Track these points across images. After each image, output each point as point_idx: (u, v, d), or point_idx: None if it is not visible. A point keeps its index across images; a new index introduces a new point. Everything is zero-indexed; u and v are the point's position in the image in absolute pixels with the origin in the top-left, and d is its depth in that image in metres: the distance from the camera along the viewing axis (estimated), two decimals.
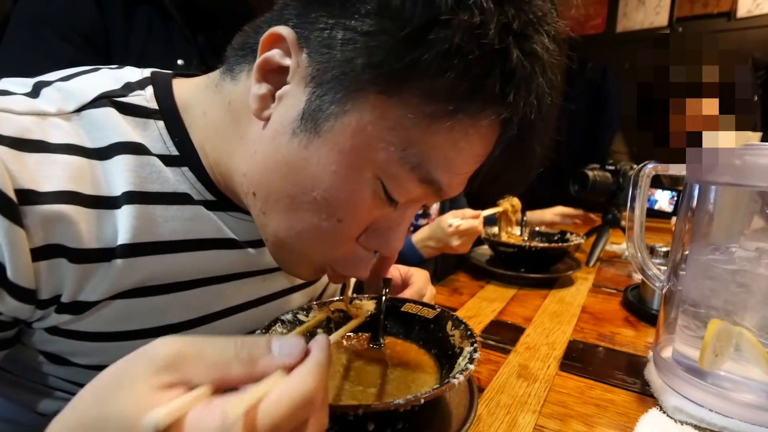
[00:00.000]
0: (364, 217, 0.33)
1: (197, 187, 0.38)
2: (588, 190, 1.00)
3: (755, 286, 0.39)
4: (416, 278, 0.54)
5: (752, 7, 2.24)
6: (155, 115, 0.36)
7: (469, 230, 0.77)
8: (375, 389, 0.37)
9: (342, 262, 0.36)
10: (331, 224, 0.32)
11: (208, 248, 0.39)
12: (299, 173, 0.31)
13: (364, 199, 0.32)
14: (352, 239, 0.35)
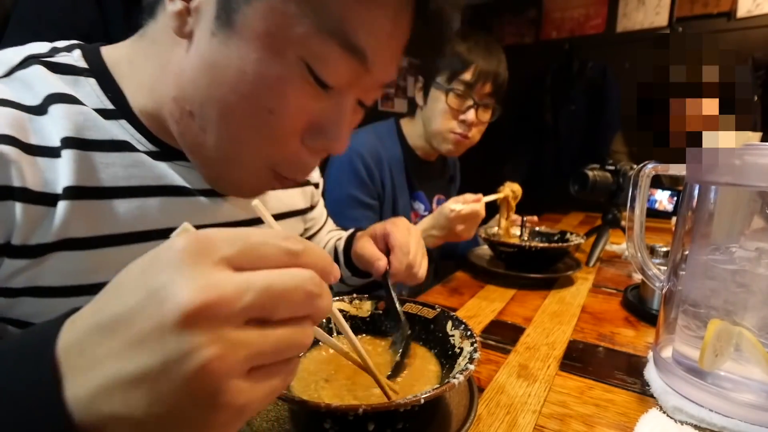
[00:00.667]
0: (295, 105, 0.33)
1: (137, 137, 0.38)
2: (588, 190, 1.00)
3: (755, 286, 0.39)
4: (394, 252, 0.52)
5: (752, 7, 2.24)
6: (85, 73, 0.37)
7: (471, 214, 0.76)
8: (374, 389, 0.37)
9: (287, 163, 0.37)
10: (264, 117, 0.33)
11: (155, 195, 0.39)
12: (225, 72, 0.32)
13: (291, 84, 0.32)
14: (292, 136, 0.35)
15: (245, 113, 0.33)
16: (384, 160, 1.02)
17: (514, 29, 3.06)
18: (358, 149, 0.99)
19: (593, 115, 2.64)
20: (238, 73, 0.31)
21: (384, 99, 2.56)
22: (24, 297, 0.34)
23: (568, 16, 2.85)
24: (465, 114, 0.96)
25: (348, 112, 0.36)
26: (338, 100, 0.35)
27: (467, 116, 0.96)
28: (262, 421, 0.35)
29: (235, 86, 0.32)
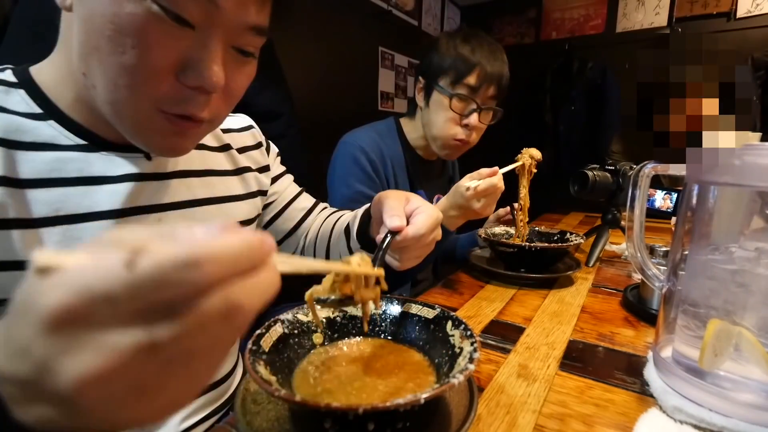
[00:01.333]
0: (156, 41, 0.36)
1: (65, 134, 0.43)
2: (588, 190, 0.99)
3: (755, 286, 0.39)
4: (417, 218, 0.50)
5: (752, 7, 2.24)
6: (15, 86, 0.43)
7: (488, 189, 0.73)
8: (374, 389, 0.37)
9: (170, 100, 0.39)
10: (129, 54, 0.36)
11: (75, 185, 0.43)
12: (92, 21, 0.36)
13: (147, 21, 0.35)
14: (164, 73, 0.37)
15: (113, 53, 0.36)
16: (386, 157, 1.01)
17: (514, 29, 3.07)
18: (361, 145, 0.98)
19: (593, 115, 2.64)
20: (101, 18, 0.35)
21: (384, 99, 2.56)
22: None
23: (568, 16, 2.85)
24: (468, 118, 0.95)
25: (214, 49, 0.38)
26: (203, 37, 0.38)
27: (470, 120, 0.95)
28: (262, 421, 0.35)
29: (101, 31, 0.35)
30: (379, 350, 0.44)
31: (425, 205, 0.51)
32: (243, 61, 0.43)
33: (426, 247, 0.53)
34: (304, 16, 1.89)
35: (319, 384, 0.38)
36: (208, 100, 0.41)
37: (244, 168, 0.62)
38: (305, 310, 0.44)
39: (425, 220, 0.49)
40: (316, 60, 2.01)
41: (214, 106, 0.42)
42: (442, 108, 0.95)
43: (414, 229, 0.48)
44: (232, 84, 0.42)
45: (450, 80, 0.94)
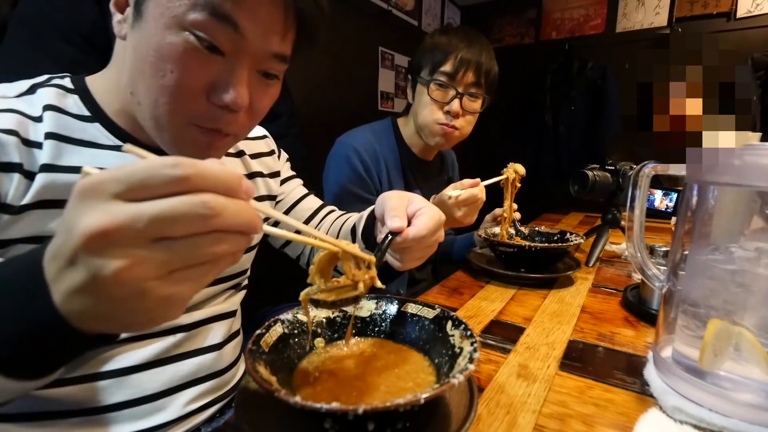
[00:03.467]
0: (191, 66, 0.42)
1: (107, 135, 0.49)
2: (588, 190, 0.99)
3: (755, 286, 0.39)
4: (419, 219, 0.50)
5: (752, 7, 2.24)
6: (71, 92, 0.50)
7: (469, 199, 0.75)
8: (374, 389, 0.37)
9: (202, 117, 0.45)
10: (168, 78, 0.42)
11: None
12: (141, 50, 0.42)
13: (183, 50, 0.41)
14: (196, 93, 0.43)
15: (155, 76, 0.42)
16: (380, 157, 1.02)
17: (514, 29, 3.06)
18: (354, 145, 0.99)
19: (593, 115, 2.64)
20: (147, 48, 0.41)
21: (384, 99, 2.56)
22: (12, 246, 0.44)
23: (568, 16, 2.85)
24: (449, 105, 0.96)
25: (240, 73, 0.44)
26: (231, 64, 0.43)
27: (451, 107, 0.96)
28: (262, 421, 0.35)
29: (146, 57, 0.41)
30: (379, 350, 0.44)
31: (428, 206, 0.52)
32: (267, 84, 0.48)
33: (428, 249, 0.53)
34: None
35: (319, 384, 0.38)
36: (235, 118, 0.46)
37: (255, 173, 0.66)
38: None
39: (427, 222, 0.49)
40: (316, 60, 2.01)
41: (239, 122, 0.47)
42: (423, 96, 0.98)
43: (415, 230, 0.49)
44: (256, 103, 0.48)
45: (428, 70, 0.97)
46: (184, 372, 0.53)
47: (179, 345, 0.53)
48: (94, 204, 0.23)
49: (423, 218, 0.50)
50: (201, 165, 0.25)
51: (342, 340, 0.45)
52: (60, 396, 0.45)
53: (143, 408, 0.49)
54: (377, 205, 0.55)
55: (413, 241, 0.49)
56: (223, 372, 0.58)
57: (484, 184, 0.79)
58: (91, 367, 0.47)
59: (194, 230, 0.25)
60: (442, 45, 0.95)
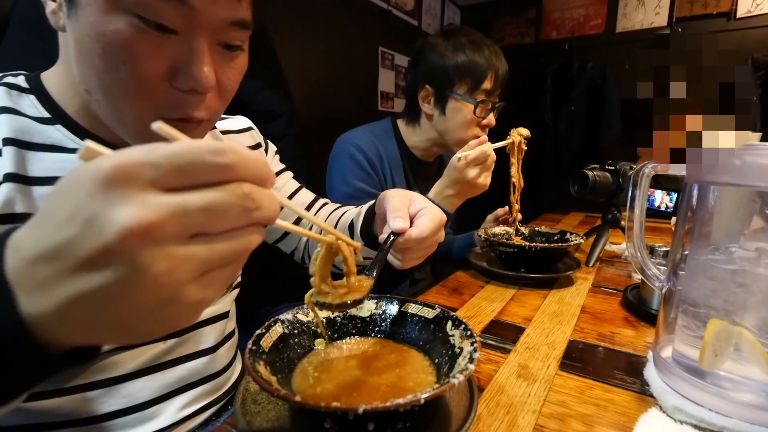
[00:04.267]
0: (143, 52, 0.37)
1: (71, 138, 0.45)
2: (588, 190, 0.99)
3: (755, 286, 0.39)
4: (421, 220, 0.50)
5: (752, 7, 2.24)
6: (27, 91, 0.46)
7: (480, 157, 0.74)
8: (374, 389, 0.37)
9: (168, 106, 0.40)
10: (122, 70, 0.37)
11: None
12: (84, 41, 0.37)
13: (130, 35, 0.36)
14: (156, 80, 0.39)
15: (107, 70, 0.37)
16: (383, 156, 1.02)
17: (514, 29, 3.06)
18: (358, 144, 0.99)
19: (593, 115, 2.64)
20: (90, 39, 0.36)
21: (384, 99, 2.56)
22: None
23: (568, 16, 2.85)
24: (487, 119, 0.98)
25: (199, 50, 0.39)
26: (187, 41, 0.39)
27: (489, 121, 0.98)
28: (262, 421, 0.35)
29: (92, 50, 0.37)
30: (379, 350, 0.44)
31: (429, 206, 0.51)
32: (231, 56, 0.43)
33: (428, 249, 0.53)
34: (304, 16, 1.89)
35: (319, 384, 0.38)
36: (203, 100, 0.42)
37: None
38: (305, 310, 0.44)
39: (428, 223, 0.49)
40: (316, 60, 2.01)
41: (210, 104, 0.43)
42: (463, 115, 0.97)
43: (417, 231, 0.49)
44: (224, 80, 0.43)
45: (468, 87, 0.95)
46: (176, 378, 0.52)
47: (170, 351, 0.51)
48: (129, 193, 0.20)
49: (425, 219, 0.50)
50: (244, 153, 0.23)
51: (342, 339, 0.45)
52: (50, 407, 0.43)
53: (136, 416, 0.48)
54: (378, 203, 0.54)
55: (415, 241, 0.49)
56: (218, 375, 0.57)
57: (493, 146, 0.79)
58: (81, 378, 0.45)
59: (237, 224, 0.23)
60: (480, 62, 0.94)
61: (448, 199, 0.80)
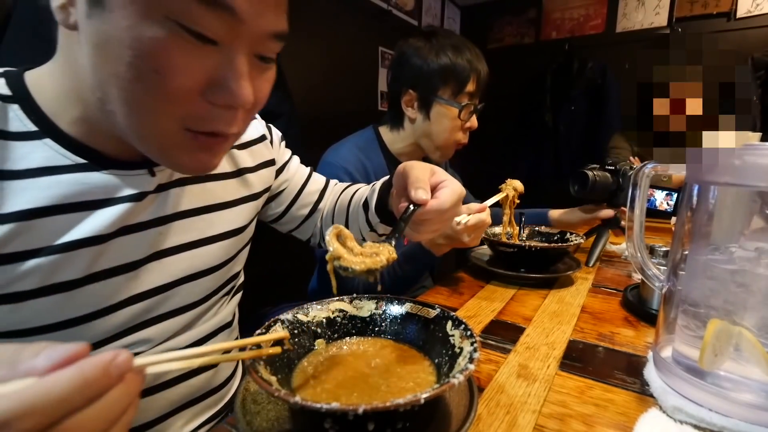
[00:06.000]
0: (179, 62, 0.34)
1: (62, 153, 0.41)
2: (588, 190, 1.00)
3: (755, 286, 0.39)
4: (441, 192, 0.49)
5: (752, 7, 2.24)
6: (9, 100, 0.40)
7: (478, 224, 0.75)
8: (374, 389, 0.37)
9: (196, 119, 0.38)
10: (153, 79, 0.34)
11: (77, 210, 0.41)
12: (109, 47, 0.34)
13: (168, 43, 0.33)
14: (189, 93, 0.36)
15: (135, 79, 0.34)
16: (370, 171, 1.00)
17: (514, 29, 3.06)
18: (343, 165, 0.97)
19: (593, 115, 2.64)
20: (119, 43, 0.33)
21: (384, 99, 2.56)
22: None
23: (568, 16, 2.85)
24: (470, 122, 0.98)
25: (241, 64, 0.37)
26: (228, 53, 0.36)
27: (471, 123, 0.98)
28: (262, 421, 0.35)
29: (119, 57, 0.33)
30: (379, 350, 0.44)
31: (450, 179, 0.51)
32: (264, 68, 0.41)
33: (445, 222, 0.53)
34: (304, 16, 1.89)
35: (319, 384, 0.38)
36: (236, 115, 0.39)
37: (244, 169, 0.59)
38: (305, 310, 0.44)
39: (449, 195, 0.49)
40: (316, 60, 2.01)
41: (241, 119, 0.41)
42: (447, 119, 0.96)
43: (437, 203, 0.48)
44: (257, 93, 0.41)
45: (452, 91, 0.95)
46: (180, 395, 0.51)
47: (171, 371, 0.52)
48: None
49: (446, 191, 0.49)
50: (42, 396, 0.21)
51: (342, 339, 0.45)
52: None
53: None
54: (397, 177, 0.52)
55: (435, 213, 0.48)
56: (220, 388, 0.57)
57: (488, 203, 0.79)
58: None
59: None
60: (462, 65, 0.93)
61: (438, 246, 0.81)
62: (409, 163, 0.52)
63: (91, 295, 0.43)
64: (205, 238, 0.52)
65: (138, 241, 0.46)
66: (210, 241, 0.53)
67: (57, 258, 0.40)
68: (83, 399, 0.22)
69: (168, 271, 0.49)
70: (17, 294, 0.39)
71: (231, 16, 0.34)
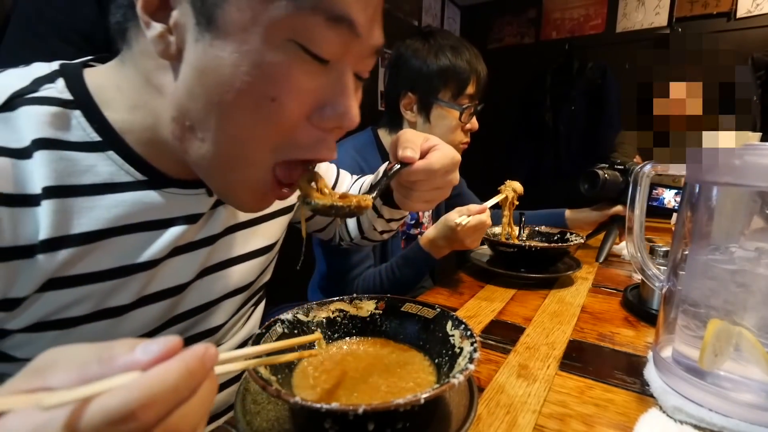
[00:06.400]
0: (297, 86, 0.33)
1: (125, 169, 0.38)
2: (598, 189, 1.01)
3: (755, 286, 0.39)
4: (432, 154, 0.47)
5: (752, 7, 2.24)
6: (70, 105, 0.36)
7: (478, 226, 0.75)
8: (374, 389, 0.37)
9: (300, 147, 0.36)
10: (266, 106, 0.32)
11: (137, 231, 0.39)
12: (217, 72, 0.31)
13: (288, 67, 0.31)
14: (299, 118, 0.34)
15: (247, 108, 0.32)
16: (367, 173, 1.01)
17: (514, 29, 3.06)
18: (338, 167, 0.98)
19: (593, 115, 2.64)
20: (232, 69, 0.31)
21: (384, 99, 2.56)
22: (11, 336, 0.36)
23: (568, 16, 2.85)
24: (470, 123, 0.98)
25: (350, 82, 0.35)
26: (338, 72, 0.35)
27: (472, 124, 0.98)
28: (262, 421, 0.35)
29: (231, 83, 0.31)
30: (379, 350, 0.44)
31: (443, 144, 0.49)
32: (359, 87, 0.39)
33: (438, 190, 0.50)
34: None
35: (319, 384, 0.38)
36: (334, 138, 0.37)
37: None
38: (305, 310, 0.44)
39: (440, 157, 0.47)
40: None
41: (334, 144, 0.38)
42: (448, 121, 0.96)
43: (426, 162, 0.46)
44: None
45: (452, 93, 0.95)
46: None
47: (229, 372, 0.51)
48: None
49: (437, 153, 0.47)
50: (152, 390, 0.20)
51: (342, 339, 0.45)
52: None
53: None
54: (391, 145, 0.50)
55: (423, 173, 0.46)
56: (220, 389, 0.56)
57: (488, 205, 0.79)
58: None
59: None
60: (462, 66, 0.93)
61: (438, 248, 0.81)
62: (403, 130, 0.51)
63: (136, 320, 0.42)
64: (246, 253, 0.51)
65: (188, 262, 0.44)
66: (251, 257, 0.52)
67: (114, 282, 0.39)
68: (188, 390, 0.21)
69: (209, 290, 0.48)
70: (68, 320, 0.37)
71: (350, 32, 0.33)
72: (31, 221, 0.33)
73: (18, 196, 0.33)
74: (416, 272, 0.86)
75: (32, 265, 0.34)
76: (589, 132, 2.67)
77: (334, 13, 0.31)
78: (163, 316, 0.44)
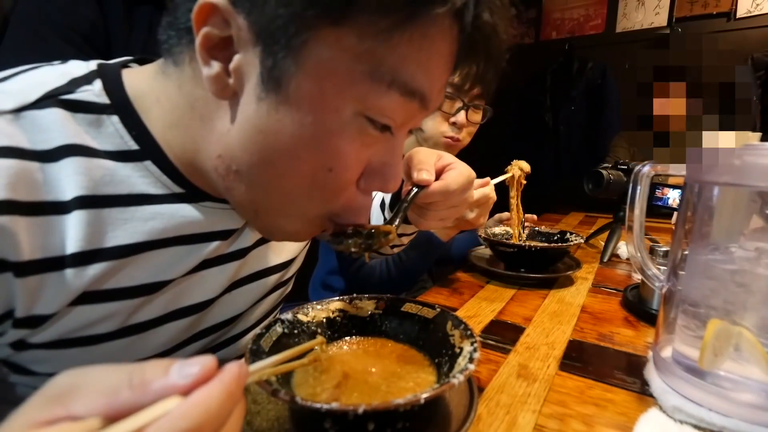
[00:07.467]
0: (355, 158, 0.32)
1: (162, 180, 0.36)
2: (602, 189, 1.01)
3: (755, 286, 0.39)
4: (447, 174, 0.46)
5: (752, 7, 2.24)
6: (108, 110, 0.34)
7: (481, 199, 0.72)
8: (374, 389, 0.37)
9: (343, 211, 0.35)
10: (322, 176, 0.31)
11: (172, 245, 0.38)
12: (277, 137, 0.30)
13: (350, 140, 0.31)
14: (350, 185, 0.34)
15: (302, 175, 0.32)
16: None
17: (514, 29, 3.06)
18: None
19: (593, 115, 2.64)
20: (293, 138, 0.30)
21: None
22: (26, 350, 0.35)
23: (568, 16, 2.85)
24: (455, 117, 0.96)
25: (401, 148, 0.35)
26: (397, 139, 0.34)
27: (457, 118, 0.96)
28: (262, 421, 0.35)
29: (290, 151, 0.30)
30: (379, 350, 0.44)
31: (458, 162, 0.48)
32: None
33: (454, 209, 0.50)
34: None
35: (319, 384, 0.38)
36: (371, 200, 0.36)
37: None
38: (305, 310, 0.44)
39: (456, 177, 0.46)
40: None
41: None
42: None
43: (442, 183, 0.45)
44: None
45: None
46: None
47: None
48: None
49: (453, 173, 0.46)
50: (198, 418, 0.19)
51: (342, 339, 0.45)
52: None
53: None
54: (404, 163, 0.48)
55: (440, 195, 0.45)
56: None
57: (493, 182, 0.78)
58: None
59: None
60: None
61: (444, 230, 0.79)
62: (414, 149, 0.51)
63: (161, 336, 0.40)
64: (275, 265, 0.51)
65: (217, 276, 0.43)
66: (279, 269, 0.52)
67: (144, 298, 0.37)
68: (228, 412, 0.21)
69: (236, 303, 0.47)
70: (93, 337, 0.36)
71: (421, 104, 0.32)
72: (59, 232, 0.31)
73: (43, 204, 0.30)
74: (423, 255, 0.85)
75: (60, 279, 0.32)
76: (588, 132, 2.67)
77: (410, 87, 0.30)
78: (187, 331, 0.43)
